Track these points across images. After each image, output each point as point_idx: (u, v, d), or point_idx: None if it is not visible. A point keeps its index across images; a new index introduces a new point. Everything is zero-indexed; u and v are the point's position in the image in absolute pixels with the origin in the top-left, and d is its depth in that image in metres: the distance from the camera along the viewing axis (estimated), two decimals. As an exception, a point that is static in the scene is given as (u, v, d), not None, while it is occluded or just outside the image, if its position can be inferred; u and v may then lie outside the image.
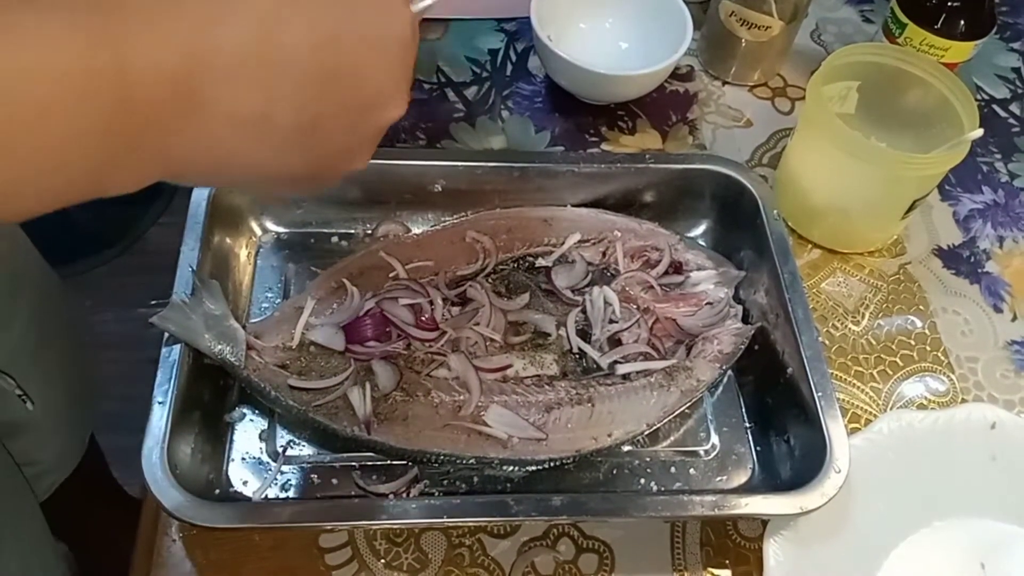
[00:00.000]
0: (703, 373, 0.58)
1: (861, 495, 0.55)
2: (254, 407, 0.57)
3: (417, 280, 0.60)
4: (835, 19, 0.89)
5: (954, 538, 0.56)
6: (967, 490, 0.58)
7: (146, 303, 0.59)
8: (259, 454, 0.55)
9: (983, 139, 0.77)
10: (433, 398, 0.55)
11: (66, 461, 0.77)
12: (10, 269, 0.67)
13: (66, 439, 0.76)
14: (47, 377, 0.71)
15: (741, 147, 0.77)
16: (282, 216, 0.65)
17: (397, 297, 0.58)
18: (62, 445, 0.76)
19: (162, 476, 0.47)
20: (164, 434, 0.49)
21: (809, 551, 0.53)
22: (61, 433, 0.75)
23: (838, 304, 0.68)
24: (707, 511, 0.50)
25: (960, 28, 0.72)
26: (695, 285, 0.63)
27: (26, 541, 0.66)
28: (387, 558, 0.53)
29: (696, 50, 0.83)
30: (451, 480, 0.55)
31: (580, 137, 0.76)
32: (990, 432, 0.59)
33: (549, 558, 0.54)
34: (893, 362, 0.65)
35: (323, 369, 0.56)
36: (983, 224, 0.75)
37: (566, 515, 0.51)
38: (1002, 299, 0.70)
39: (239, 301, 0.61)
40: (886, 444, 0.58)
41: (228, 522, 0.47)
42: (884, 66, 0.67)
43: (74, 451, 0.79)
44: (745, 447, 0.59)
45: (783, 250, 0.60)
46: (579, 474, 0.56)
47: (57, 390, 0.73)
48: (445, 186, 0.64)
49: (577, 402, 0.56)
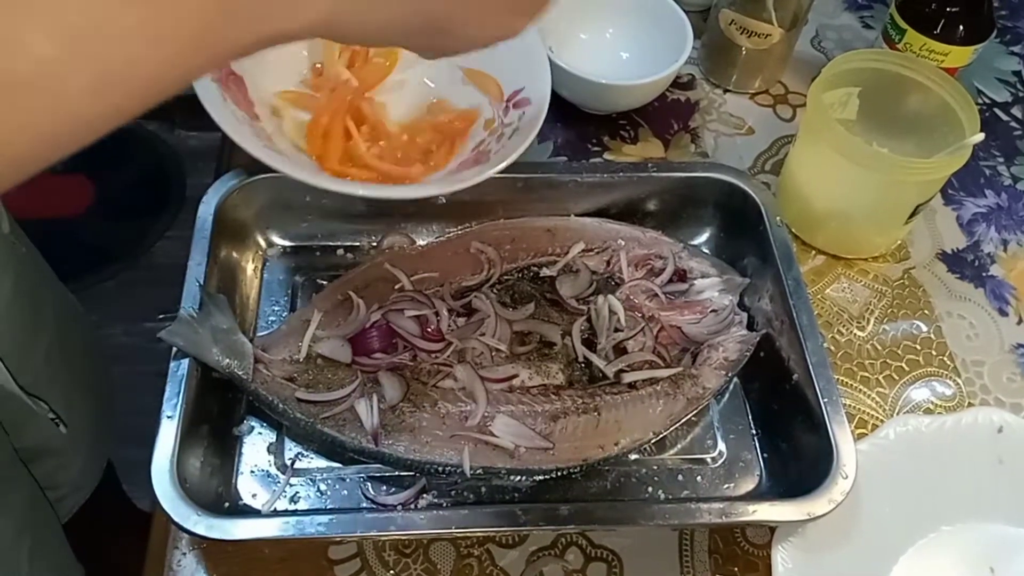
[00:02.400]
0: (709, 380, 0.58)
1: (868, 501, 0.55)
2: (262, 420, 0.57)
3: (422, 292, 0.61)
4: (835, 26, 0.89)
5: (962, 543, 0.56)
6: (975, 494, 0.58)
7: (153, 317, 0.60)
8: (268, 467, 0.55)
9: (985, 143, 0.78)
10: (440, 409, 0.55)
11: (88, 481, 0.76)
12: (31, 290, 0.66)
13: (88, 458, 0.76)
14: (71, 396, 0.70)
15: (743, 155, 0.77)
16: (288, 229, 0.65)
17: (403, 309, 0.59)
18: (84, 464, 0.75)
19: (172, 490, 0.48)
20: (173, 448, 0.49)
21: (817, 557, 0.53)
22: (83, 454, 0.74)
23: (843, 310, 0.68)
24: (715, 519, 0.50)
25: (959, 33, 0.72)
26: (699, 293, 0.63)
27: (52, 565, 0.66)
28: (396, 569, 0.53)
29: (697, 59, 0.83)
30: (459, 491, 0.55)
31: (582, 147, 0.76)
32: (997, 436, 0.59)
33: (558, 567, 0.54)
34: (899, 367, 0.65)
35: (330, 381, 0.56)
36: (987, 228, 0.75)
37: (574, 524, 0.51)
38: (1007, 303, 0.70)
39: (246, 315, 0.61)
40: (893, 449, 0.58)
41: (238, 535, 0.48)
42: (884, 72, 0.67)
43: (95, 469, 0.78)
44: (752, 454, 0.59)
45: (787, 256, 0.61)
46: (586, 483, 0.56)
47: (80, 411, 0.72)
48: (449, 198, 0.64)
49: (583, 411, 0.56)
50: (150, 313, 0.74)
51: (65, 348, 0.70)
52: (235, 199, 0.61)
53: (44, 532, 0.65)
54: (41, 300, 0.68)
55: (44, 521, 0.66)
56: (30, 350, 0.64)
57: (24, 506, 0.63)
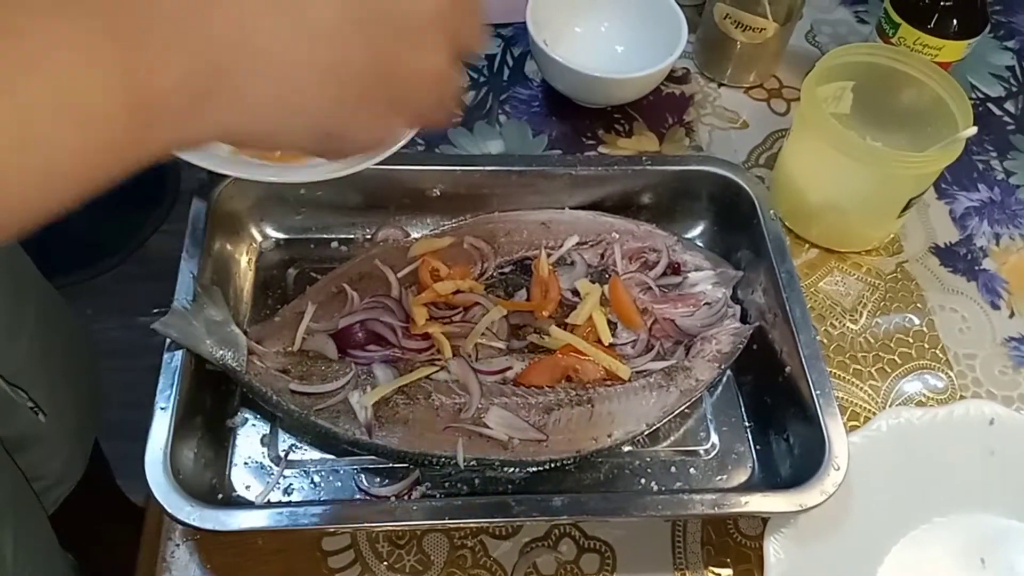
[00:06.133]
0: (702, 373, 0.59)
1: (860, 492, 0.55)
2: (256, 412, 0.57)
3: (394, 298, 0.60)
4: (829, 20, 0.90)
5: (954, 534, 0.57)
6: (966, 486, 0.58)
7: (148, 311, 0.59)
8: (261, 459, 0.55)
9: (978, 137, 0.78)
10: (434, 401, 0.55)
11: (72, 472, 0.77)
12: (13, 279, 0.67)
13: (73, 449, 0.76)
14: (54, 387, 0.71)
15: (737, 148, 0.77)
16: (282, 222, 0.65)
17: (377, 317, 0.58)
18: (69, 455, 0.76)
19: (165, 481, 0.48)
20: (167, 440, 0.49)
21: (809, 549, 0.54)
22: (68, 443, 0.75)
23: (836, 303, 0.68)
24: (707, 510, 0.51)
25: (953, 27, 0.72)
26: (693, 286, 0.63)
27: (37, 556, 0.66)
28: (390, 560, 0.53)
29: (691, 53, 0.83)
30: (453, 482, 0.55)
31: (577, 140, 0.76)
32: (988, 428, 0.59)
33: (551, 558, 0.54)
34: (891, 360, 0.66)
35: (324, 373, 0.56)
36: (979, 221, 0.75)
37: (567, 515, 0.51)
38: (999, 296, 0.70)
39: (240, 307, 0.61)
40: (885, 441, 0.58)
41: (231, 526, 0.48)
42: (878, 66, 0.68)
43: (80, 461, 0.78)
44: (745, 446, 0.59)
45: (780, 250, 0.61)
46: (580, 475, 0.56)
47: (64, 400, 0.73)
48: (443, 190, 0.64)
49: (577, 403, 0.56)
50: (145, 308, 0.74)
51: (48, 340, 0.70)
52: (229, 191, 0.61)
53: (28, 519, 0.66)
54: (23, 292, 0.68)
55: (28, 508, 0.67)
56: (13, 341, 0.65)
57: (7, 492, 0.63)
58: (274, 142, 0.36)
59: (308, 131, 0.34)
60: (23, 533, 0.63)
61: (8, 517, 0.61)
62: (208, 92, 0.30)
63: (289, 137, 0.35)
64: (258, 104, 0.32)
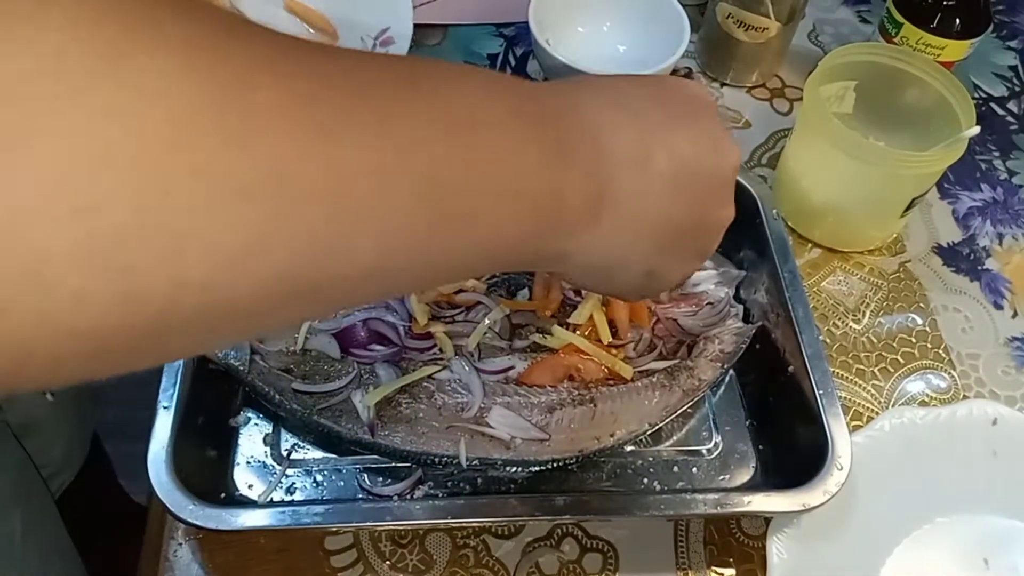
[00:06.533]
0: (705, 372, 0.59)
1: (863, 492, 0.55)
2: (259, 411, 0.57)
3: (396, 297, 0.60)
4: (832, 20, 0.90)
5: (957, 534, 0.57)
6: (969, 486, 0.58)
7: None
8: (264, 458, 0.55)
9: (981, 137, 0.78)
10: (436, 400, 0.55)
11: (72, 460, 0.77)
12: None
13: (72, 436, 0.77)
14: None
15: (740, 148, 0.77)
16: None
17: (379, 316, 0.59)
18: (69, 442, 0.77)
19: (168, 480, 0.48)
20: (170, 439, 0.49)
21: (812, 548, 0.53)
22: (68, 429, 0.76)
23: (839, 303, 0.68)
24: (710, 509, 0.51)
25: (956, 27, 0.72)
26: (696, 285, 0.63)
27: (45, 539, 0.67)
28: (392, 559, 0.53)
29: (694, 52, 0.83)
30: (455, 482, 0.55)
31: (580, 140, 0.76)
32: (991, 428, 0.59)
33: (553, 558, 0.54)
34: (894, 360, 0.65)
35: (327, 373, 0.56)
36: (982, 221, 0.75)
37: (570, 515, 0.51)
38: (1002, 296, 0.70)
39: (243, 306, 0.61)
40: (888, 441, 0.58)
41: (234, 525, 0.48)
42: (881, 65, 0.68)
43: (80, 449, 0.79)
44: (747, 446, 0.59)
45: (783, 249, 0.61)
46: (582, 475, 0.56)
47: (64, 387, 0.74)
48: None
49: (579, 402, 0.56)
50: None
51: None
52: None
53: (36, 503, 0.66)
54: None
55: (36, 492, 0.67)
56: None
57: (15, 475, 0.64)
58: (614, 292, 0.42)
59: (641, 278, 0.39)
60: (31, 516, 0.64)
61: (17, 500, 0.62)
62: None
63: (626, 290, 0.40)
64: (605, 246, 0.35)
